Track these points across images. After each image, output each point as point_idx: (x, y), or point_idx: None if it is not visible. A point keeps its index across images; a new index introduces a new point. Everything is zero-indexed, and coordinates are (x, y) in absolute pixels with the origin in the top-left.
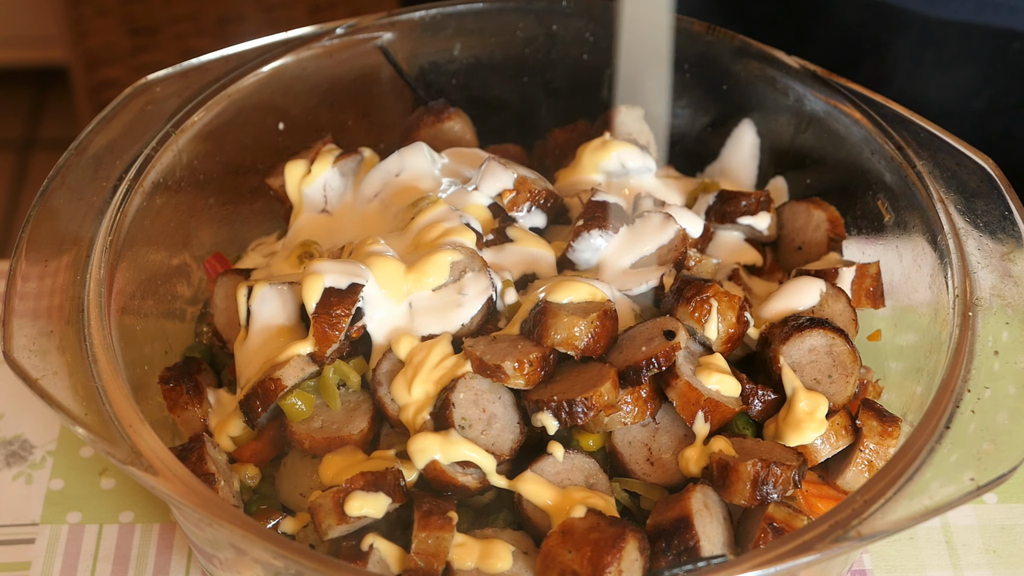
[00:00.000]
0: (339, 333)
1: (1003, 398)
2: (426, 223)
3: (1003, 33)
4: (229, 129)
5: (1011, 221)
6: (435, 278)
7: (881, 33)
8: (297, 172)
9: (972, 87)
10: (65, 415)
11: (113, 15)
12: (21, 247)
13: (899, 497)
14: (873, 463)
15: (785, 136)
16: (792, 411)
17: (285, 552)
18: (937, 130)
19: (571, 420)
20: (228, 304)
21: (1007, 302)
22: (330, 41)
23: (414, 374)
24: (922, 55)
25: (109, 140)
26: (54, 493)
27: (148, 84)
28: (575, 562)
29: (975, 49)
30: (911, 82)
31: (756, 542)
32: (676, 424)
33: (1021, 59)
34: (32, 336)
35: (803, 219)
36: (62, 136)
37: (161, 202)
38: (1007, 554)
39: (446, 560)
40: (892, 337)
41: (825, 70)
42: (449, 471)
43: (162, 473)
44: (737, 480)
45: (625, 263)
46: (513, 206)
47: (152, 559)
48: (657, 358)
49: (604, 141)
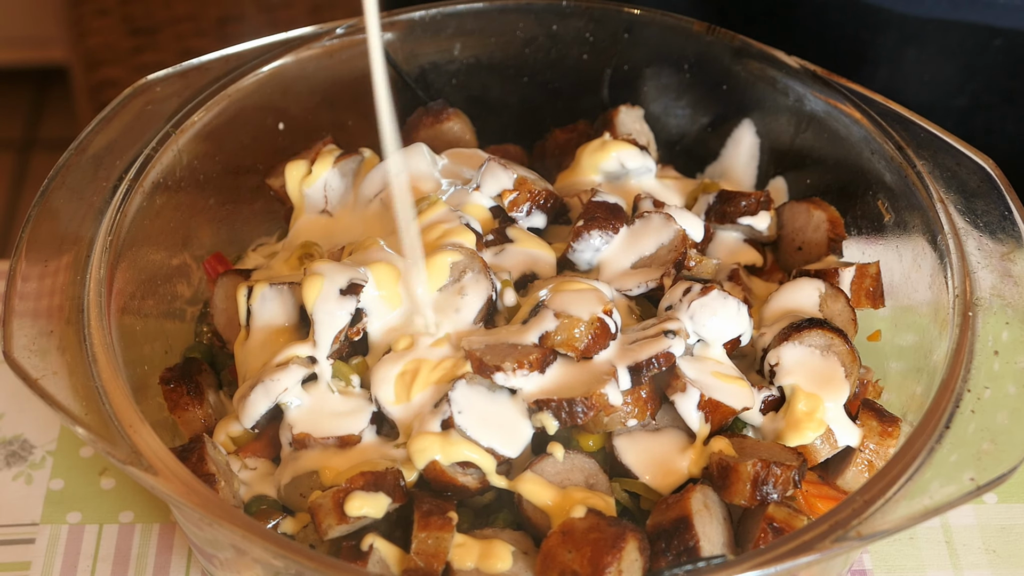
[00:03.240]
0: (339, 334)
1: (1003, 398)
2: (426, 224)
3: (982, 29)
4: (229, 129)
5: (1011, 221)
6: (435, 279)
7: (861, 32)
8: (298, 173)
9: (954, 84)
10: (65, 415)
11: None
12: (21, 247)
13: (899, 497)
14: (873, 463)
15: (785, 136)
16: (791, 411)
17: (285, 552)
18: (937, 130)
19: (571, 420)
20: (228, 304)
21: (1007, 302)
22: (330, 41)
23: (414, 374)
24: (903, 53)
25: (109, 140)
26: (54, 493)
27: (148, 84)
28: (575, 562)
29: (955, 46)
30: (893, 80)
31: (756, 542)
32: (676, 424)
33: (1001, 55)
34: (32, 336)
35: (803, 219)
36: (62, 136)
37: (161, 202)
38: (1007, 554)
39: (446, 560)
40: (892, 337)
41: (825, 70)
42: (449, 471)
43: (162, 473)
44: (737, 480)
45: (625, 264)
46: (513, 206)
47: (152, 559)
48: (657, 358)
49: (603, 142)
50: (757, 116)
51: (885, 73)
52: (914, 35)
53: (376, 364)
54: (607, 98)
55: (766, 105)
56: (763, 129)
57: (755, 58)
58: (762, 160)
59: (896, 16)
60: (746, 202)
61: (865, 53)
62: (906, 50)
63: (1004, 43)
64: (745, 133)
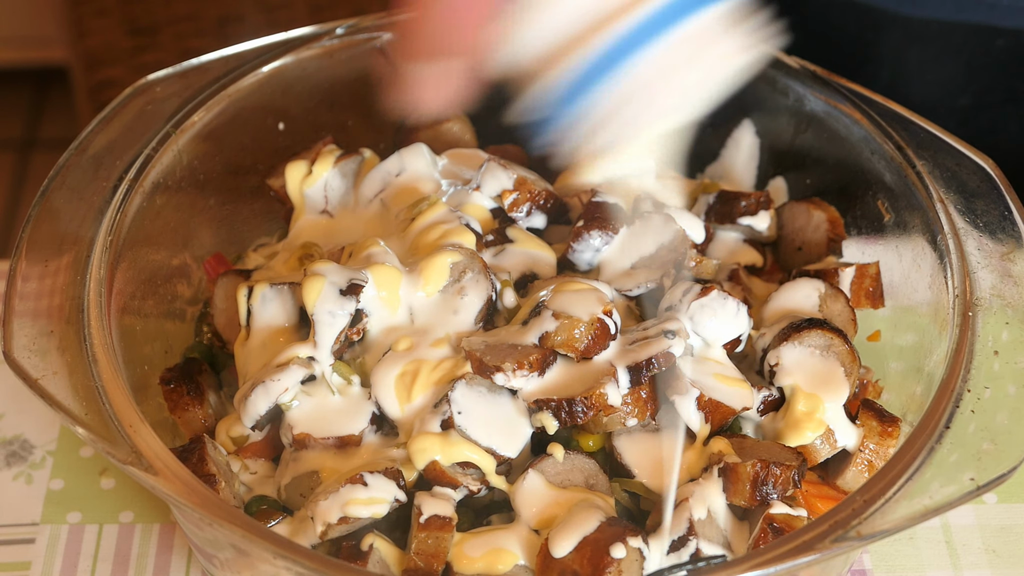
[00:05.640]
0: (339, 334)
1: (1003, 398)
2: (426, 225)
3: (985, 30)
4: (229, 129)
5: (1011, 221)
6: (435, 280)
7: (864, 33)
8: (298, 173)
9: (957, 84)
10: (65, 415)
11: (113, 15)
12: (21, 247)
13: (899, 497)
14: (873, 463)
15: (785, 136)
16: (791, 412)
17: (285, 552)
18: (937, 130)
19: (571, 420)
20: (228, 304)
21: (1007, 302)
22: (330, 41)
23: (414, 375)
24: (905, 54)
25: (109, 140)
26: (54, 493)
27: (148, 84)
28: (575, 562)
29: (958, 46)
30: (896, 80)
31: (756, 542)
32: (676, 424)
33: (1005, 55)
34: (32, 336)
35: (803, 219)
36: (62, 136)
37: (161, 202)
38: (1007, 554)
39: (446, 560)
40: (892, 337)
41: (825, 70)
42: (449, 471)
43: (162, 473)
44: (737, 480)
45: (625, 264)
46: (513, 207)
47: (152, 559)
48: (657, 358)
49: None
50: (757, 116)
51: (887, 74)
52: (917, 36)
53: (376, 365)
54: None
55: (766, 105)
56: (763, 129)
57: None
58: (762, 160)
59: (899, 17)
60: (746, 202)
61: (868, 54)
62: (909, 51)
63: (1007, 43)
64: (745, 133)
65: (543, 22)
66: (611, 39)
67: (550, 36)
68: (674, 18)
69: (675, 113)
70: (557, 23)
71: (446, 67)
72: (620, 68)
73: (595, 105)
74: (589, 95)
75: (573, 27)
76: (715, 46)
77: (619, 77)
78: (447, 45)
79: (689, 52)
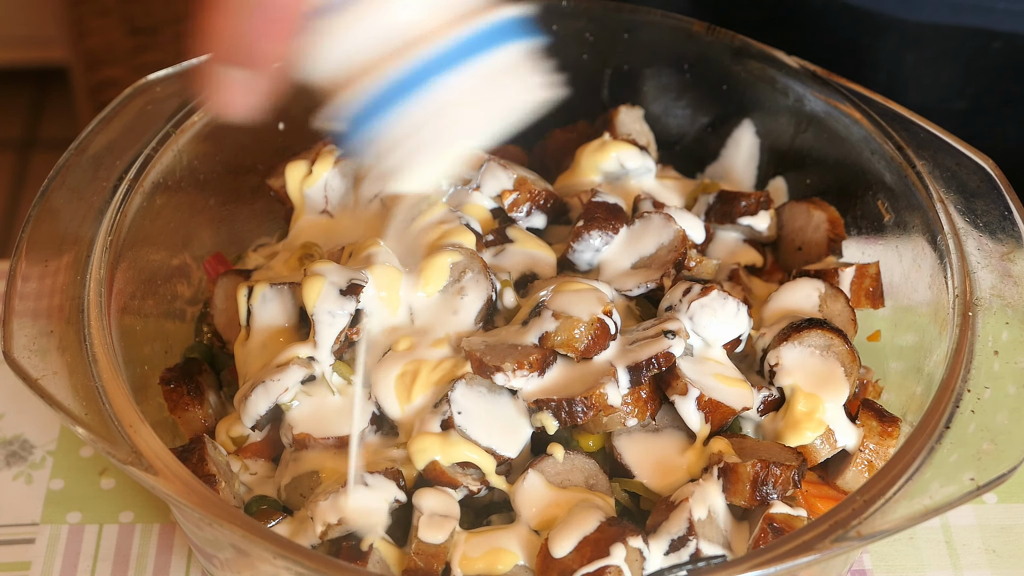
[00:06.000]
0: (339, 334)
1: (1003, 398)
2: (426, 225)
3: (981, 33)
4: (229, 129)
5: (1011, 221)
6: (435, 280)
7: (861, 37)
8: (298, 173)
9: (953, 88)
10: (65, 415)
11: (113, 15)
12: (21, 247)
13: (899, 497)
14: (873, 463)
15: (785, 136)
16: (791, 412)
17: (285, 552)
18: (937, 130)
19: (571, 420)
20: (228, 304)
21: (1007, 302)
22: None
23: (414, 375)
24: (902, 57)
25: (109, 140)
26: (54, 493)
27: (148, 84)
28: (575, 562)
29: (955, 50)
30: (892, 84)
31: (756, 542)
32: (676, 424)
33: (1001, 58)
34: (32, 336)
35: (803, 219)
36: (62, 136)
37: (161, 202)
38: (1007, 554)
39: (446, 560)
40: (892, 337)
41: (825, 70)
42: (449, 471)
43: (162, 473)
44: (737, 480)
45: (625, 264)
46: (513, 207)
47: (152, 559)
48: (657, 358)
49: (603, 142)
50: (757, 116)
51: (884, 77)
52: (914, 39)
53: (376, 365)
54: (607, 98)
55: (766, 105)
56: (763, 129)
57: (755, 58)
58: (762, 160)
59: (896, 21)
60: (746, 202)
61: (864, 57)
62: (905, 54)
63: (1003, 46)
64: (745, 133)
65: (348, 40)
66: (413, 63)
67: (354, 54)
68: (474, 51)
69: (468, 139)
70: (362, 42)
71: (253, 74)
72: (419, 91)
73: (392, 124)
74: (387, 113)
75: (377, 48)
76: (512, 81)
77: (418, 100)
78: (253, 54)
79: (486, 84)
